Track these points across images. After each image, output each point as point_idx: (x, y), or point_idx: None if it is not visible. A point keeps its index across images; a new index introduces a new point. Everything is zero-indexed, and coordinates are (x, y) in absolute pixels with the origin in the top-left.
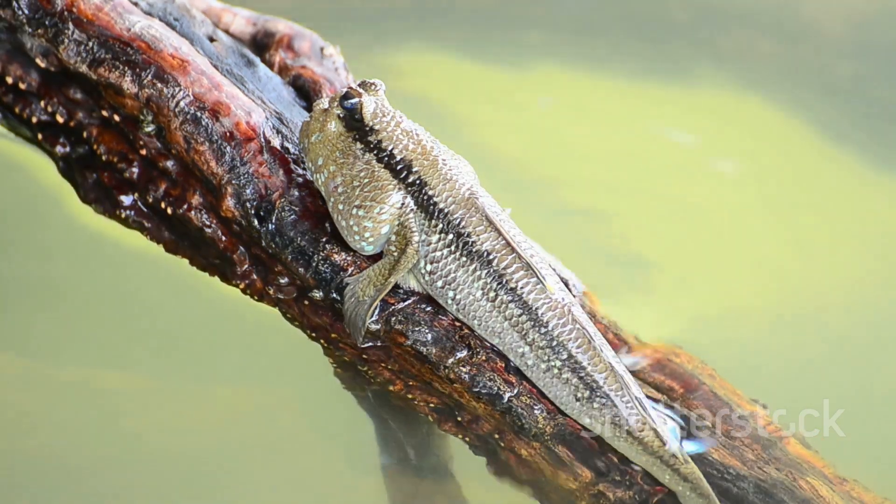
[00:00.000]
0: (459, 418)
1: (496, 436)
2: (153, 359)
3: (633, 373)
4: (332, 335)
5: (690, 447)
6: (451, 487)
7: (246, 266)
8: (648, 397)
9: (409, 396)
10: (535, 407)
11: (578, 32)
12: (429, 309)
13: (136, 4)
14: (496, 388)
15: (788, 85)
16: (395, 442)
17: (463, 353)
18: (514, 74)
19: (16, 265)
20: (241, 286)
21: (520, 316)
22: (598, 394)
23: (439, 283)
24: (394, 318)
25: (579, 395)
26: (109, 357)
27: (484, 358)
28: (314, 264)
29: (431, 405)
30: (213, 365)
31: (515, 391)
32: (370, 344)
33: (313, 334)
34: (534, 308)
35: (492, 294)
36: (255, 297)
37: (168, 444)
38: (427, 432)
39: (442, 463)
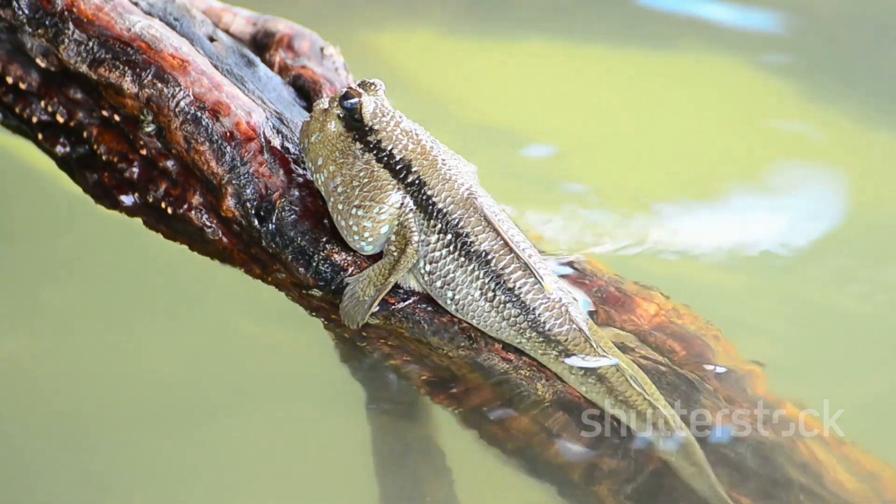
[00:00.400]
0: (454, 390)
1: (485, 408)
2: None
3: (635, 335)
4: (333, 316)
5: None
6: (438, 464)
7: (246, 265)
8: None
9: (405, 370)
10: (535, 377)
11: (564, 8)
12: (429, 308)
13: (136, 4)
14: (494, 362)
15: (772, 51)
16: (382, 412)
17: (462, 343)
18: (500, 49)
19: (19, 245)
20: (242, 270)
21: (517, 316)
22: (597, 388)
23: (438, 283)
24: (393, 318)
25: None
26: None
27: (483, 343)
28: (314, 264)
29: (424, 377)
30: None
31: (514, 364)
32: (370, 326)
33: (314, 313)
34: (531, 308)
35: (490, 294)
36: (255, 277)
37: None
38: (415, 404)
39: (427, 436)
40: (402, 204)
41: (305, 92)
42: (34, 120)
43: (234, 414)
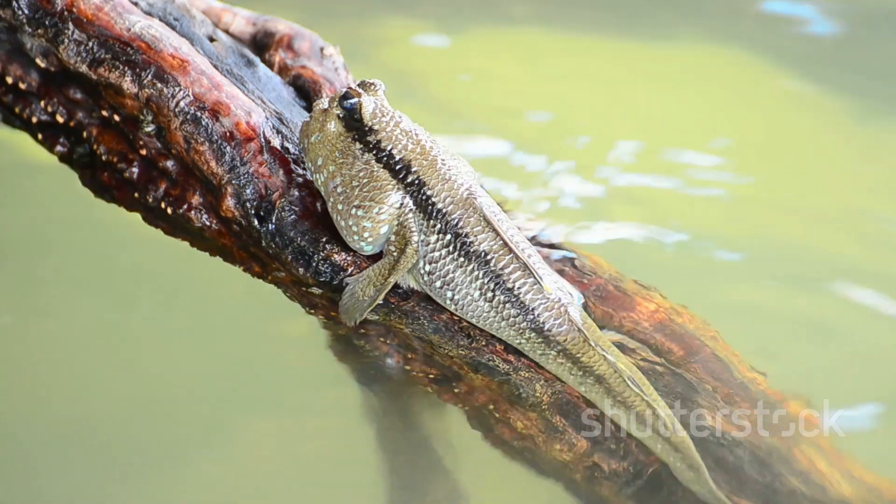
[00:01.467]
0: (457, 390)
1: (491, 407)
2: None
3: (634, 334)
4: (332, 313)
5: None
6: (443, 464)
7: (245, 263)
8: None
9: (407, 368)
10: (534, 378)
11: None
12: (428, 307)
13: (136, 4)
14: (494, 364)
15: (771, 43)
16: (384, 413)
17: (462, 342)
18: (499, 43)
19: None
20: (241, 268)
21: (517, 316)
22: (595, 388)
23: (438, 283)
24: (393, 315)
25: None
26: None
27: (484, 343)
28: (314, 264)
29: (431, 376)
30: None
31: (514, 366)
32: (370, 323)
33: (312, 311)
34: (531, 308)
35: (489, 294)
36: (255, 275)
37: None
38: (412, 403)
39: (433, 435)
40: (401, 204)
41: (305, 92)
42: (34, 120)
43: (236, 410)
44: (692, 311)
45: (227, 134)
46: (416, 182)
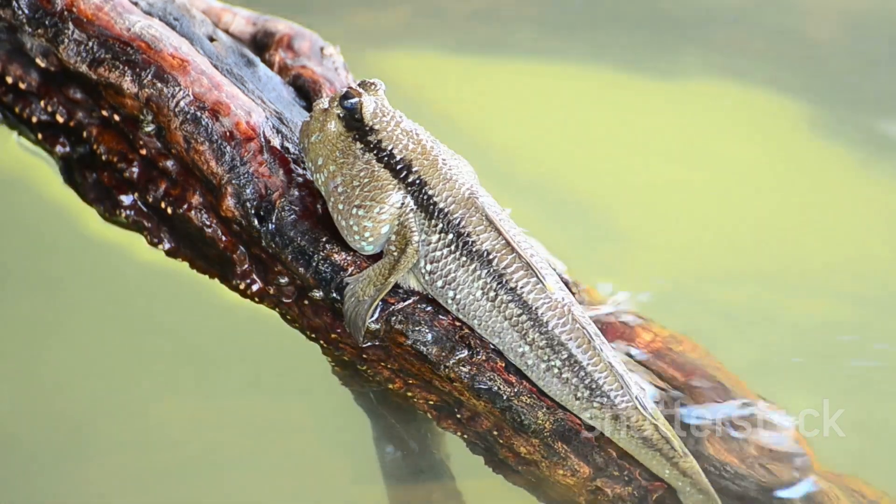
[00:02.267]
0: (459, 415)
1: (495, 433)
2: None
3: (636, 361)
4: (332, 335)
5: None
6: (449, 485)
7: (246, 266)
8: (652, 383)
9: (409, 394)
10: (536, 404)
11: (570, 29)
12: (429, 309)
13: (135, 4)
14: (496, 388)
15: (779, 78)
16: (392, 438)
17: (463, 353)
18: (506, 70)
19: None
20: (241, 286)
21: (520, 315)
22: (598, 393)
23: (439, 283)
24: (394, 318)
25: (579, 394)
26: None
27: (484, 358)
28: (314, 264)
29: (431, 402)
30: (221, 374)
31: (515, 390)
32: (370, 344)
33: (312, 335)
34: (534, 308)
35: (492, 294)
36: (256, 299)
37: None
38: (424, 430)
39: (439, 460)
40: (402, 204)
41: (305, 92)
42: (34, 120)
43: (246, 443)
44: (694, 339)
45: (227, 134)
46: (417, 182)
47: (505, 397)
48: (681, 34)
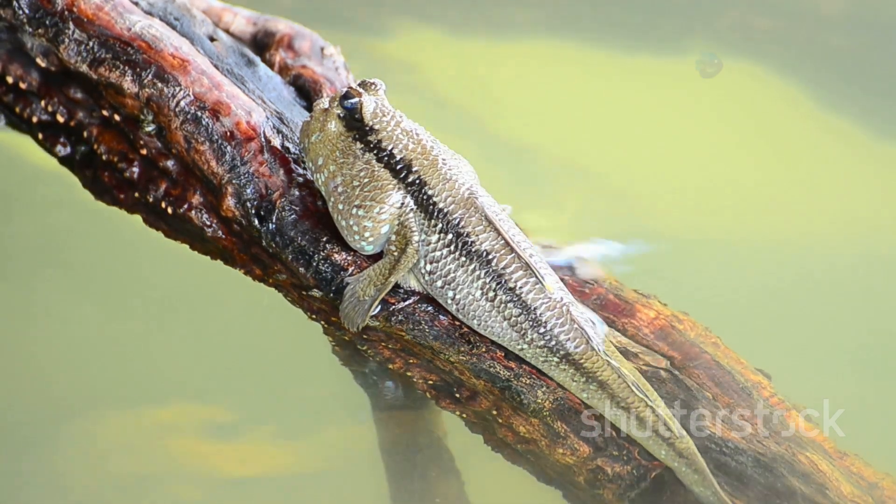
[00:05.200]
0: (458, 395)
1: (494, 412)
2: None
3: (636, 340)
4: (333, 318)
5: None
6: (446, 464)
7: (246, 266)
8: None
9: (409, 374)
10: (536, 384)
11: (571, 10)
12: (429, 309)
13: (136, 4)
14: (496, 370)
15: (784, 58)
16: (390, 417)
17: (463, 348)
18: (507, 52)
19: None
20: (242, 271)
21: (518, 315)
22: (598, 395)
23: (439, 283)
24: (394, 318)
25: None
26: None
27: (484, 349)
28: (314, 264)
29: (430, 382)
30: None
31: (515, 372)
32: (369, 332)
33: (313, 316)
34: (532, 308)
35: (491, 294)
36: (256, 279)
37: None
38: (422, 408)
39: (436, 438)
40: (402, 203)
41: (305, 91)
42: (34, 120)
43: (241, 416)
44: (693, 318)
45: (228, 133)
46: (417, 182)
47: (504, 377)
48: (684, 14)
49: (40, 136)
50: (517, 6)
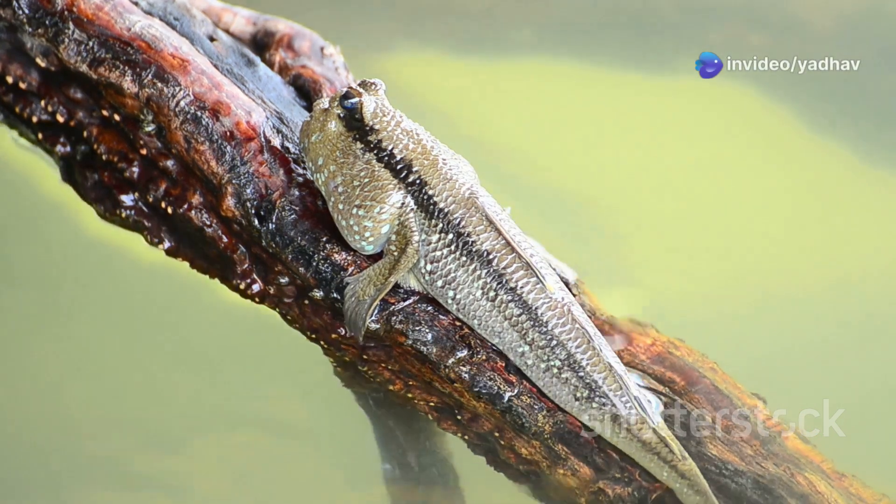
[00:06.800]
0: (459, 417)
1: (496, 434)
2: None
3: (633, 366)
4: (333, 336)
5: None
6: (450, 485)
7: (246, 265)
8: (648, 387)
9: (409, 395)
10: (536, 406)
11: (568, 29)
12: (429, 309)
13: (136, 4)
14: (496, 388)
15: (777, 77)
16: (393, 440)
17: (463, 353)
18: (505, 70)
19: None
20: (242, 286)
21: (519, 315)
22: (598, 393)
23: (439, 283)
24: (394, 318)
25: (578, 394)
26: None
27: (484, 357)
28: (314, 264)
29: (431, 404)
30: (218, 367)
31: (516, 391)
32: (372, 344)
33: (313, 336)
34: (533, 308)
35: (492, 294)
36: (256, 300)
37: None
38: (425, 430)
39: (440, 460)
40: (402, 203)
41: (305, 91)
42: (34, 119)
43: (241, 429)
44: (689, 344)
45: (228, 133)
46: (418, 181)
47: (505, 398)
48: (677, 32)
49: (40, 135)
50: (513, 26)
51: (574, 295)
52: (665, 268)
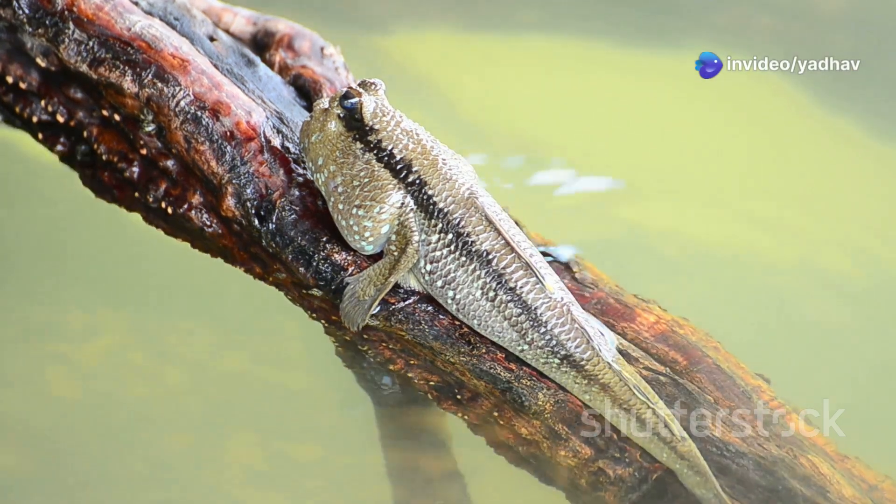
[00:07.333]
0: (459, 396)
1: (496, 413)
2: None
3: (636, 343)
4: (333, 317)
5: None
6: (449, 465)
7: (246, 266)
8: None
9: (409, 375)
10: (536, 387)
11: (574, 9)
12: (429, 309)
13: (136, 4)
14: (496, 372)
15: (785, 57)
16: (391, 417)
17: (464, 349)
18: (509, 48)
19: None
20: (242, 269)
21: (519, 315)
22: (599, 396)
23: (439, 283)
24: (394, 318)
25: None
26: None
27: (484, 350)
28: (314, 264)
29: (432, 383)
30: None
31: (516, 374)
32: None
33: (314, 315)
34: (533, 308)
35: (491, 294)
36: (256, 277)
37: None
38: (425, 409)
39: (440, 440)
40: (402, 203)
41: (305, 91)
42: (34, 119)
43: (241, 417)
44: (693, 323)
45: (228, 133)
46: (417, 181)
47: (505, 379)
48: (684, 13)
49: (40, 135)
50: (519, 5)
51: (574, 272)
52: (664, 243)
